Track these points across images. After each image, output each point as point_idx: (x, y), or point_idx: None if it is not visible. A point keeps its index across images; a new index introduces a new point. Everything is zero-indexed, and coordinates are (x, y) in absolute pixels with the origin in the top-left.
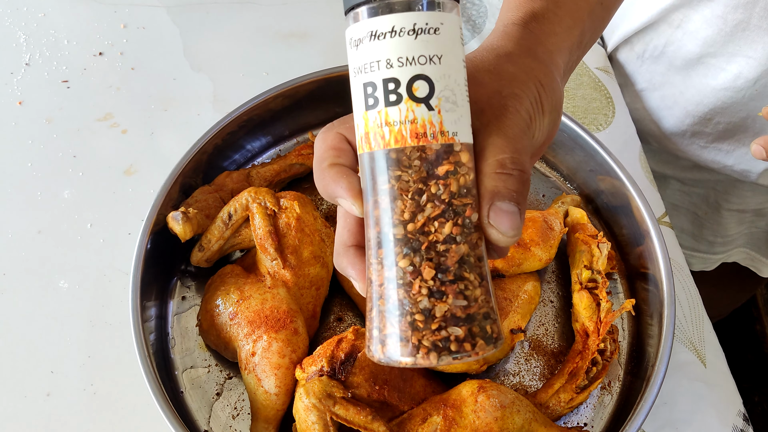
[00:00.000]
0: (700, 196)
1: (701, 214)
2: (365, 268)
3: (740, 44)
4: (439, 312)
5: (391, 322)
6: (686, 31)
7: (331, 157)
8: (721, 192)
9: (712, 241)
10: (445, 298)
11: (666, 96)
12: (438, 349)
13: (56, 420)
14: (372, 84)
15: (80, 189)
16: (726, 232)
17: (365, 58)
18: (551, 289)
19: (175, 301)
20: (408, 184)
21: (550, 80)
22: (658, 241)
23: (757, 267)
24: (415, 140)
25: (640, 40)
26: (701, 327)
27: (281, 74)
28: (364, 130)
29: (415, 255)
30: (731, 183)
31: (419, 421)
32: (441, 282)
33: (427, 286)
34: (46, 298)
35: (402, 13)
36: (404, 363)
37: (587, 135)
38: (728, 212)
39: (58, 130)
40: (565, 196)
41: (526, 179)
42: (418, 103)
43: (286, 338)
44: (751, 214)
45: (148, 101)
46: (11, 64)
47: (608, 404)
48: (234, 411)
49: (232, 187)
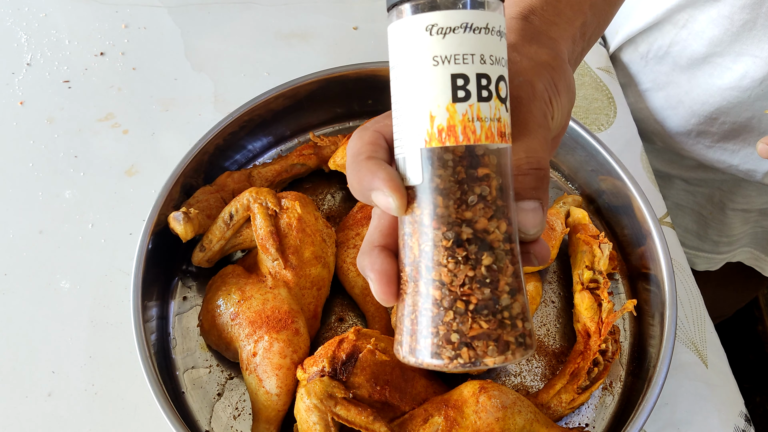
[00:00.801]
0: (705, 196)
1: (706, 214)
2: (387, 270)
3: (747, 44)
4: (474, 315)
5: (425, 324)
6: (691, 31)
7: (368, 151)
8: (726, 192)
9: (716, 240)
10: (484, 302)
11: (671, 96)
12: (473, 353)
13: (57, 420)
14: (464, 76)
15: (81, 189)
16: (731, 232)
17: (457, 49)
18: (552, 289)
19: (176, 302)
20: (487, 181)
21: (559, 62)
22: (660, 241)
23: (761, 267)
24: (500, 139)
25: (644, 41)
26: (703, 327)
27: (282, 74)
28: (447, 122)
29: (460, 254)
30: (736, 182)
31: (420, 422)
32: (481, 284)
33: (466, 289)
34: (47, 299)
35: (494, 12)
36: (436, 366)
37: (588, 135)
38: (733, 212)
39: (59, 130)
40: (567, 197)
41: (544, 175)
42: (501, 103)
43: (287, 339)
44: (756, 213)
45: (150, 101)
46: (12, 64)
47: (610, 405)
48: (235, 411)
49: (233, 188)
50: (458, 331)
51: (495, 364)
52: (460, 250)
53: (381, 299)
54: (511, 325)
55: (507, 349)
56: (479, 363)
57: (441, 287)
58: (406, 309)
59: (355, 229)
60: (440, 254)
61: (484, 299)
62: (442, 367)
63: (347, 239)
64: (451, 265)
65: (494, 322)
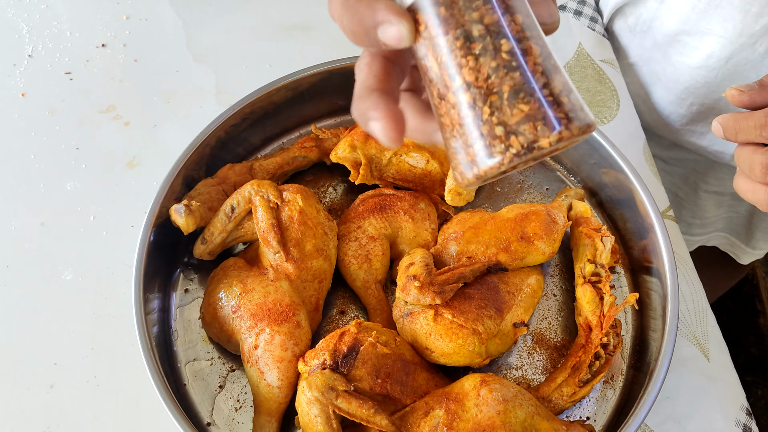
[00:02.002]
0: (681, 176)
1: (681, 195)
2: (392, 109)
3: (712, 22)
4: (511, 102)
5: (470, 133)
6: (668, 6)
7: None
8: (700, 173)
9: (690, 222)
10: (517, 87)
11: (652, 72)
12: (523, 138)
13: (59, 412)
14: None
15: (83, 181)
16: (704, 215)
17: None
18: (554, 282)
19: (178, 294)
20: None
21: None
22: (662, 234)
23: (736, 254)
24: None
25: (632, 12)
26: (705, 321)
27: (284, 66)
28: None
29: (476, 48)
30: (709, 164)
31: (421, 415)
32: (507, 69)
33: (493, 80)
34: (49, 291)
35: None
36: (493, 166)
37: None
38: (706, 194)
39: (61, 122)
40: (569, 190)
41: None
42: None
43: (288, 331)
44: (729, 197)
45: (151, 93)
46: (14, 56)
47: (611, 398)
48: (237, 404)
49: (234, 180)
50: (501, 123)
51: (551, 145)
52: (475, 44)
53: (389, 140)
54: (554, 102)
55: (558, 124)
56: (534, 148)
57: (468, 88)
58: (448, 132)
59: (357, 221)
60: (457, 56)
61: (516, 84)
62: (500, 166)
63: (349, 232)
64: (471, 62)
65: (534, 102)
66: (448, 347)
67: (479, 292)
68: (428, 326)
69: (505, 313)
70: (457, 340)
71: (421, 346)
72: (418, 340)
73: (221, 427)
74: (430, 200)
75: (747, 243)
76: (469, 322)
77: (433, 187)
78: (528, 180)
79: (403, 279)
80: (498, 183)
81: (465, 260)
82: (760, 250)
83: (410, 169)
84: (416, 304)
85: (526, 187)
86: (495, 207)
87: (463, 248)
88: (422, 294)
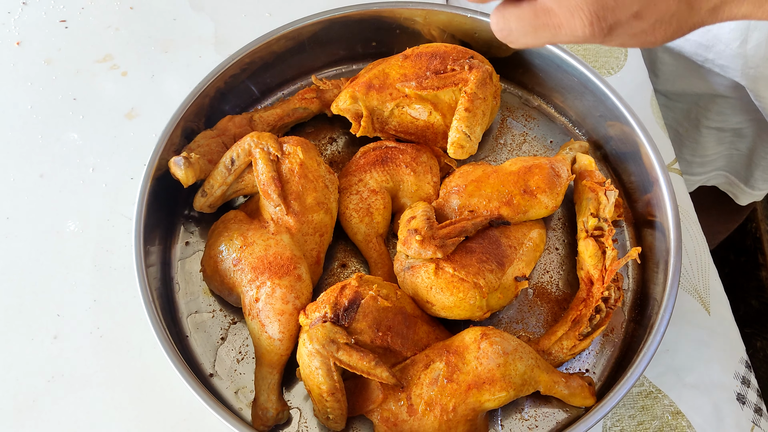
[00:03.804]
0: (683, 112)
1: (682, 132)
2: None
3: None
4: None
5: None
6: None
7: None
8: (702, 108)
9: (690, 161)
10: None
11: None
12: None
13: (63, 362)
14: None
15: (81, 132)
16: (704, 152)
17: None
18: (556, 236)
19: (178, 246)
20: None
21: None
22: (667, 188)
23: (735, 194)
24: None
25: None
26: (707, 275)
27: (284, 15)
28: None
29: None
30: (712, 99)
31: (422, 367)
32: None
33: None
34: (50, 242)
35: None
36: None
37: (597, 79)
38: (707, 129)
39: (57, 71)
40: (573, 143)
41: None
42: None
43: (289, 284)
44: (731, 134)
45: (148, 42)
46: (8, 3)
47: (610, 351)
48: (239, 355)
49: (234, 132)
50: None
51: None
52: None
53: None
54: None
55: None
56: None
57: None
58: None
59: (358, 174)
60: None
61: None
62: None
63: (350, 185)
64: None
65: None
66: (449, 301)
67: (481, 246)
68: (429, 280)
69: (506, 266)
70: (458, 293)
71: (422, 300)
72: (419, 293)
73: (224, 377)
74: (432, 153)
75: (746, 182)
76: (470, 276)
77: (436, 140)
78: (531, 132)
79: (405, 232)
80: (501, 135)
81: (467, 214)
82: (759, 190)
83: (412, 121)
84: (417, 258)
85: (529, 139)
86: (498, 160)
87: (465, 202)
88: (423, 248)
